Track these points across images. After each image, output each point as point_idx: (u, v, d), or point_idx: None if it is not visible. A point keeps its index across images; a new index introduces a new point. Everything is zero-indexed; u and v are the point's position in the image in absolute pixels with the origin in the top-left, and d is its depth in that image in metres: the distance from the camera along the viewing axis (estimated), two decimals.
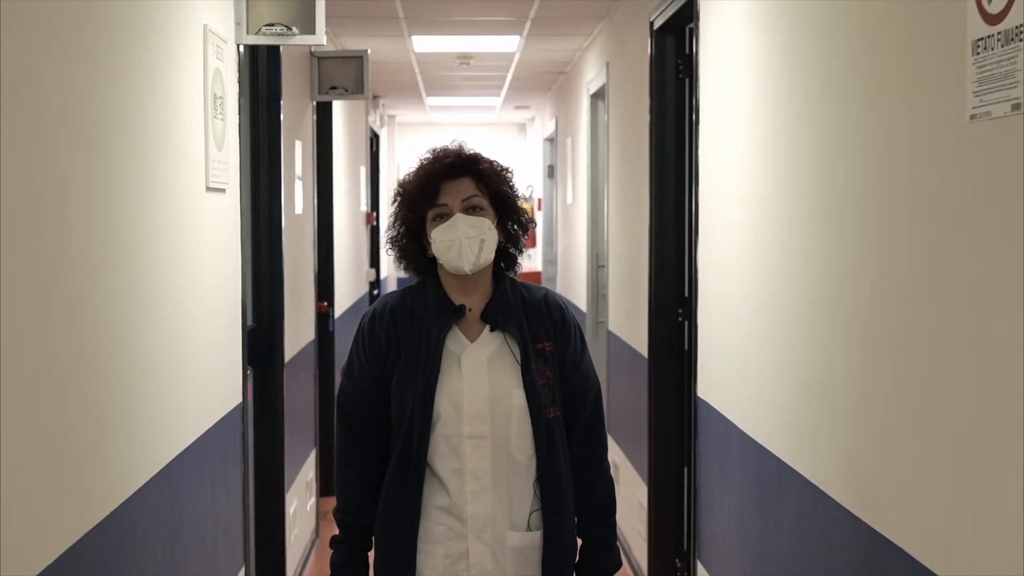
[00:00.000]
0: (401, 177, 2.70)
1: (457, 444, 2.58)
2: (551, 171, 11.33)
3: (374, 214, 10.73)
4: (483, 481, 2.58)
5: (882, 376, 2.43)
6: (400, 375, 2.60)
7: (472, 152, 2.66)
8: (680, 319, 4.95)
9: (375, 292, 10.76)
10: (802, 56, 3.02)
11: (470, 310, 2.64)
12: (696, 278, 4.31)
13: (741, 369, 3.63)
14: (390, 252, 2.73)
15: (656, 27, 5.03)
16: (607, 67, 6.73)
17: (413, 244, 2.66)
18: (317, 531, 6.38)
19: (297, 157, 5.69)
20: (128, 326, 2.76)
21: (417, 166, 2.67)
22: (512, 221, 2.67)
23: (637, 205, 5.55)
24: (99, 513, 2.52)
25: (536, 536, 2.62)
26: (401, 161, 15.06)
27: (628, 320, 5.99)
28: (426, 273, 2.68)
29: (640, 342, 5.44)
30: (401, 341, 2.61)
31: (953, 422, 2.08)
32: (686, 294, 4.78)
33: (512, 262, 2.72)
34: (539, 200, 12.86)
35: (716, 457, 4.04)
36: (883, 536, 2.40)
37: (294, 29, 4.12)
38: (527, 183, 13.99)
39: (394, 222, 2.68)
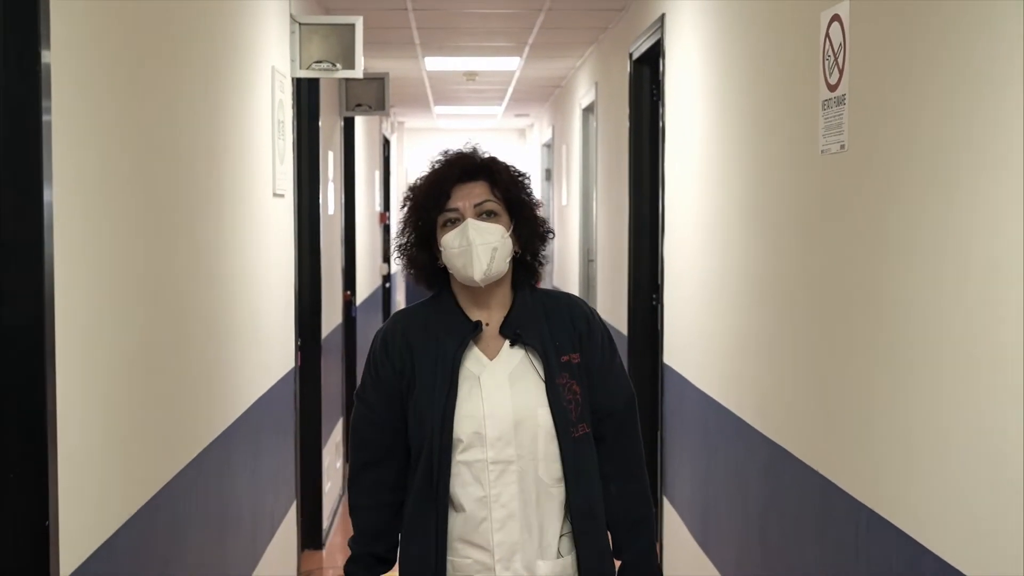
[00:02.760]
0: (411, 181, 2.54)
1: (480, 471, 2.40)
2: (548, 175, 12.33)
3: (387, 214, 11.73)
4: (509, 508, 2.40)
5: (778, 331, 3.41)
6: (416, 399, 2.42)
7: (487, 155, 2.50)
8: (654, 303, 5.92)
9: (387, 285, 11.77)
10: (727, 97, 4.00)
11: (487, 325, 2.47)
12: (663, 267, 5.29)
13: (693, 336, 4.61)
14: (398, 260, 2.55)
15: (634, 57, 6.00)
16: (596, 86, 7.72)
17: (423, 253, 2.48)
18: (344, 489, 7.36)
19: (330, 165, 6.67)
20: (223, 298, 3.73)
21: (428, 170, 2.49)
22: (528, 229, 2.49)
23: (620, 207, 6.52)
24: (215, 431, 3.49)
25: (568, 562, 2.44)
26: (409, 164, 16.05)
27: (613, 305, 6.97)
28: (438, 285, 2.52)
29: (622, 323, 6.41)
30: (416, 362, 2.43)
31: (823, 358, 3.05)
32: (659, 281, 5.75)
33: (532, 273, 2.53)
34: (538, 202, 13.85)
35: (677, 411, 5.01)
36: (780, 447, 3.37)
37: (338, 65, 5.10)
38: None
39: (403, 229, 2.51)
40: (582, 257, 8.73)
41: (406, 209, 2.50)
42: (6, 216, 2.01)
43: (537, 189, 13.94)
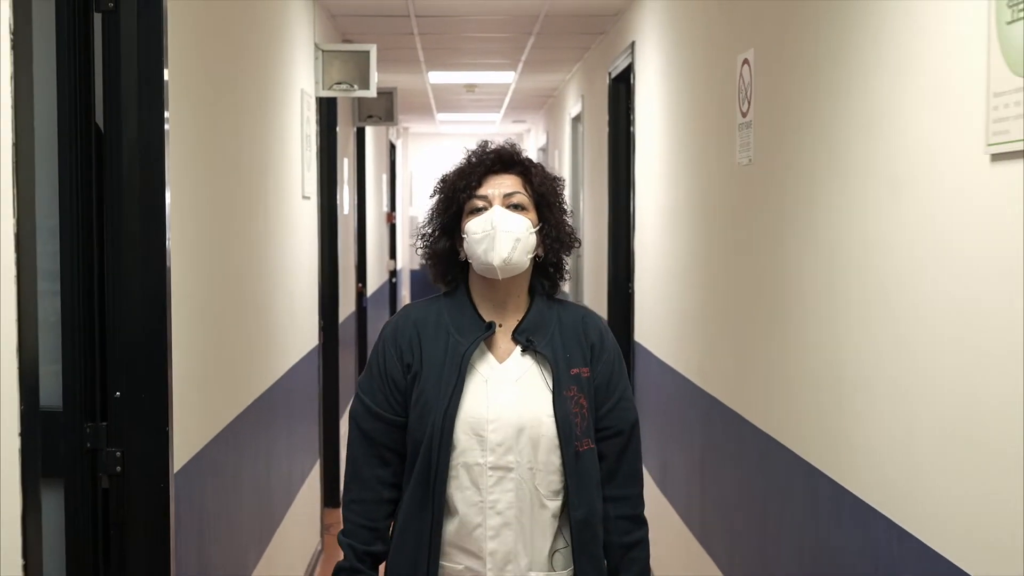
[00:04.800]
0: (442, 173, 2.50)
1: (478, 475, 2.35)
2: None
3: (393, 214, 12.61)
4: (505, 516, 2.35)
5: (709, 306, 4.28)
6: (420, 393, 2.37)
7: (522, 152, 2.49)
8: (630, 291, 6.78)
9: (393, 281, 12.65)
10: (676, 117, 4.87)
11: (500, 327, 2.42)
12: (634, 259, 6.16)
13: (655, 316, 5.49)
14: (419, 252, 2.52)
15: (612, 76, 6.87)
16: (582, 99, 8.59)
17: (445, 242, 2.44)
18: None
19: (345, 170, 7.54)
20: (269, 280, 4.60)
21: (463, 159, 2.47)
22: (555, 232, 2.42)
23: (601, 207, 7.38)
24: (264, 386, 4.36)
25: None
26: (414, 167, 16.93)
27: (596, 295, 7.84)
28: (455, 283, 2.47)
29: (603, 311, 7.28)
30: (424, 356, 2.39)
31: (739, 325, 3.91)
32: (631, 271, 6.61)
33: (552, 283, 2.48)
34: None
35: (644, 382, 5.88)
36: (714, 397, 4.23)
37: (355, 86, 5.97)
38: None
39: (429, 219, 2.47)
40: (571, 254, 9.59)
41: (435, 199, 2.46)
42: (136, 215, 2.87)
43: None
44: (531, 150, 15.16)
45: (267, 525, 4.48)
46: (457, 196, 2.40)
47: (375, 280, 10.39)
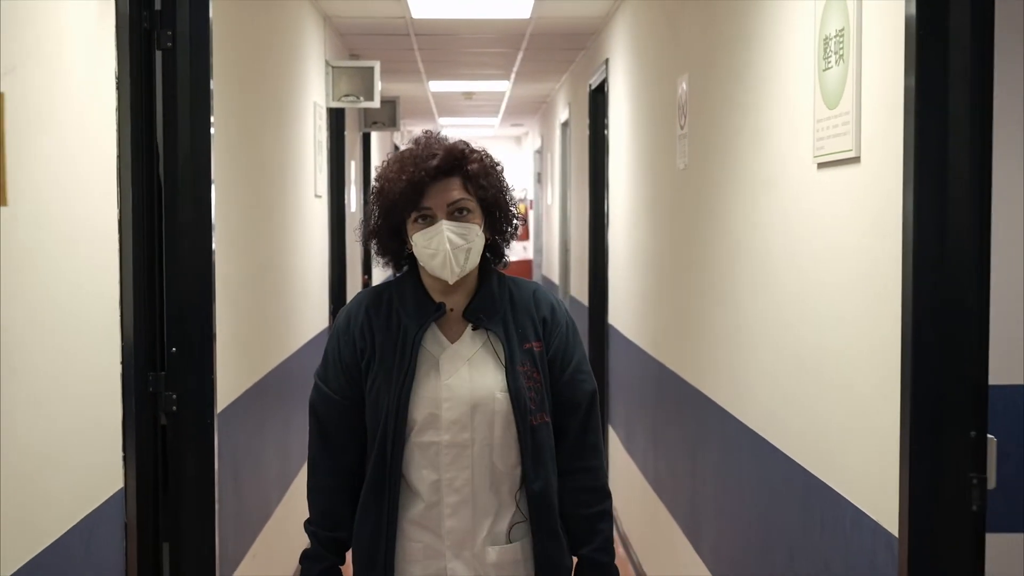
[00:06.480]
0: (380, 165, 2.47)
1: (435, 454, 2.40)
2: (539, 178, 14.01)
3: None
4: (462, 494, 2.40)
5: (659, 288, 5.06)
6: (375, 378, 2.40)
7: (461, 148, 2.43)
8: (606, 280, 7.54)
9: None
10: (636, 126, 5.65)
11: (451, 309, 2.45)
12: (608, 251, 6.94)
13: (622, 300, 6.27)
14: (373, 249, 2.52)
15: (591, 88, 7.65)
16: (570, 106, 9.37)
17: (394, 241, 2.45)
18: None
19: (351, 172, 8.33)
20: (287, 266, 5.38)
21: (398, 160, 2.42)
22: (501, 219, 2.47)
23: (583, 206, 8.16)
24: (284, 355, 5.13)
25: (516, 548, 2.44)
26: None
27: (580, 285, 8.62)
28: (407, 266, 2.50)
29: (585, 298, 8.06)
30: (376, 342, 2.42)
31: (681, 303, 4.68)
32: (606, 262, 7.39)
33: (499, 255, 2.52)
34: (531, 201, 15.64)
35: (616, 360, 6.65)
36: (663, 364, 5.01)
37: (361, 97, 6.75)
38: (522, 188, 16.75)
39: (374, 216, 2.45)
40: (560, 248, 10.39)
41: (375, 197, 2.45)
42: (191, 205, 3.64)
43: (531, 190, 15.65)
44: (528, 152, 15.95)
45: (286, 474, 5.27)
46: (402, 210, 2.38)
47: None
